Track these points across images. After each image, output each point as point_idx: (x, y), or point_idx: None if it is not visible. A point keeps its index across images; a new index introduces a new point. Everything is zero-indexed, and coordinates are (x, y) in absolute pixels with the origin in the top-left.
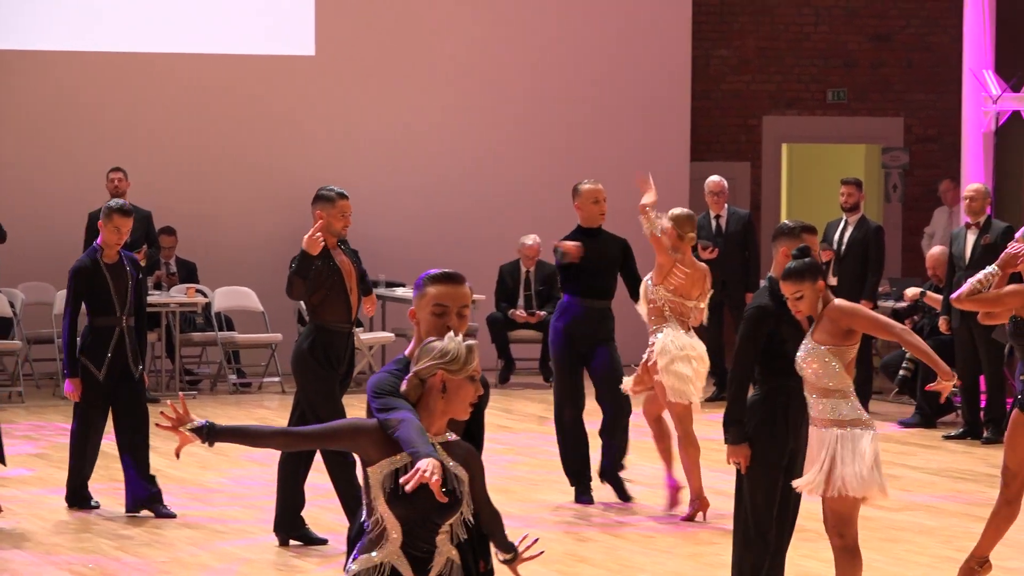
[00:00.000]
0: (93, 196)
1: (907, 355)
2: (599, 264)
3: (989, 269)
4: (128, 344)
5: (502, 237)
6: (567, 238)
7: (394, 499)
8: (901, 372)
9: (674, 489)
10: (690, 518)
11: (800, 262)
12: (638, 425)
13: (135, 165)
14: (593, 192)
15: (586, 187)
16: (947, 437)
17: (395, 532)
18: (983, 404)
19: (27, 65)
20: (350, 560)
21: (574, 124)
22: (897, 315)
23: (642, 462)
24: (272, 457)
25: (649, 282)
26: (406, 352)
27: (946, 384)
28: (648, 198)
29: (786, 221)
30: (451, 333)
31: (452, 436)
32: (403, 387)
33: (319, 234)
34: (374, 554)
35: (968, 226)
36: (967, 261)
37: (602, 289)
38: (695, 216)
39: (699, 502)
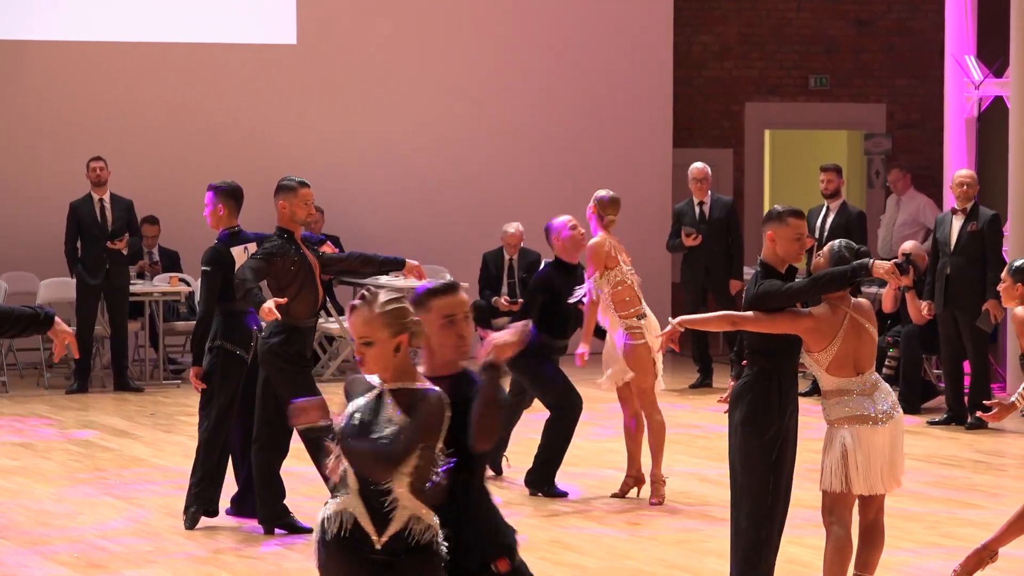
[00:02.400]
0: (74, 185)
1: (889, 351)
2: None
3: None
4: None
5: (485, 224)
6: (543, 274)
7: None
8: (884, 371)
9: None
10: (622, 494)
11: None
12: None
13: (116, 154)
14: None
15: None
16: (932, 423)
17: (351, 477)
18: (967, 390)
19: (6, 55)
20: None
21: (556, 112)
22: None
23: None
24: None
25: (591, 283)
26: (421, 369)
27: None
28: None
29: (776, 206)
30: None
31: (421, 384)
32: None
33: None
34: (338, 500)
35: (954, 212)
36: (952, 247)
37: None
38: (619, 200)
39: (640, 478)
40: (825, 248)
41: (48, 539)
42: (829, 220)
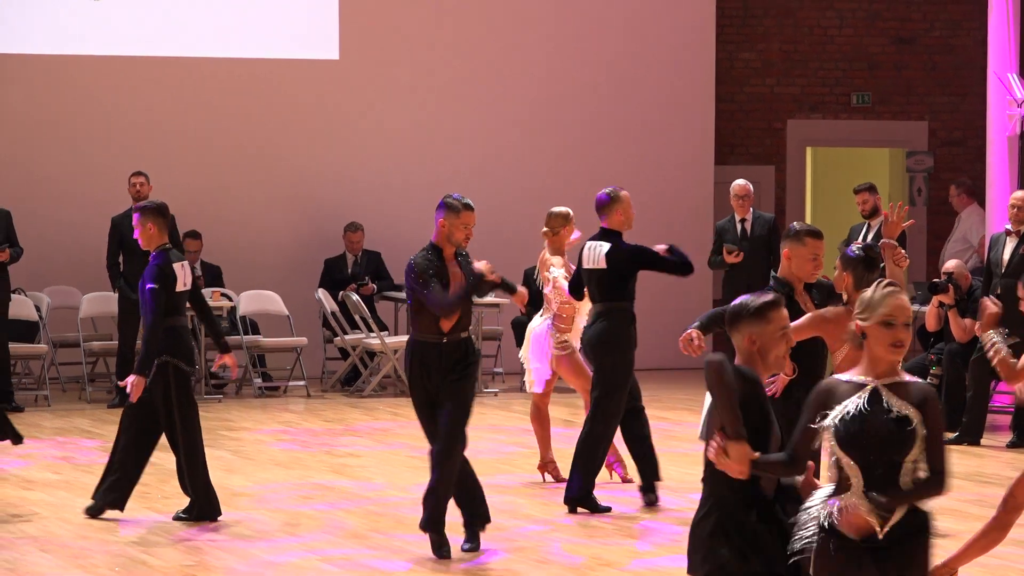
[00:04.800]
0: (116, 200)
1: (932, 368)
2: None
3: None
4: None
5: (528, 243)
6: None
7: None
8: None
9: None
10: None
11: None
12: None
13: (159, 169)
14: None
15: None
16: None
17: (855, 479)
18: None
19: (51, 70)
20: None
21: (599, 128)
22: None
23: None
24: (299, 462)
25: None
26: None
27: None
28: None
29: (794, 224)
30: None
31: (907, 377)
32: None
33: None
34: (839, 500)
35: (1008, 233)
36: (1004, 268)
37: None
38: (569, 215)
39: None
40: (839, 260)
41: (89, 553)
42: (870, 237)
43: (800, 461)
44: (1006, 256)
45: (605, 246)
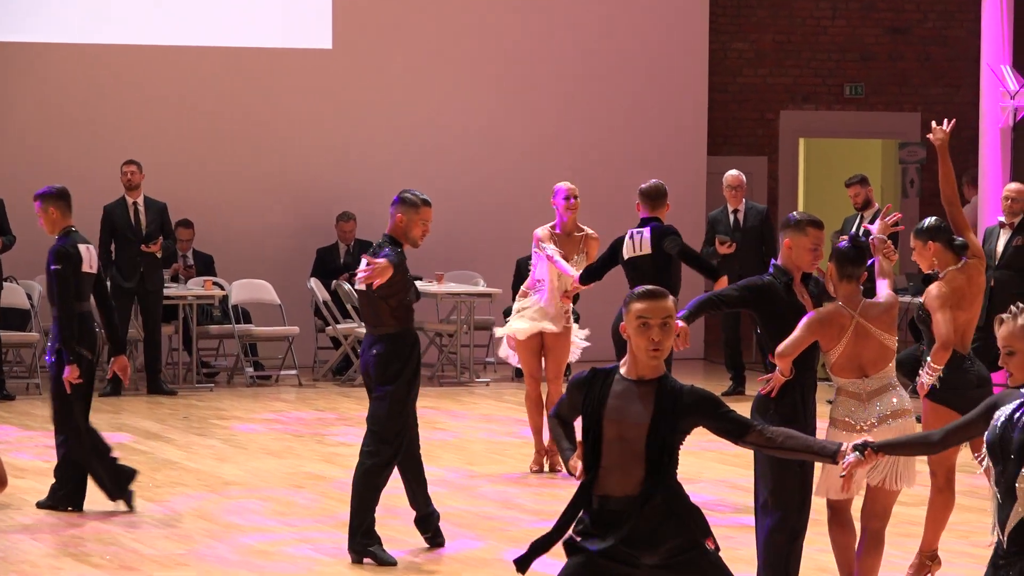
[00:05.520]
0: (109, 189)
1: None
2: None
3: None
4: None
5: (518, 230)
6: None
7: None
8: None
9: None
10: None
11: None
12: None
13: (151, 157)
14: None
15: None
16: None
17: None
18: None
19: (42, 58)
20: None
21: (591, 117)
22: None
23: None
24: (290, 451)
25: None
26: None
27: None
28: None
29: (794, 213)
30: None
31: None
32: None
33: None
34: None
35: (1002, 225)
36: (998, 260)
37: None
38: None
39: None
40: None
41: (80, 541)
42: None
43: (942, 444)
44: (1000, 248)
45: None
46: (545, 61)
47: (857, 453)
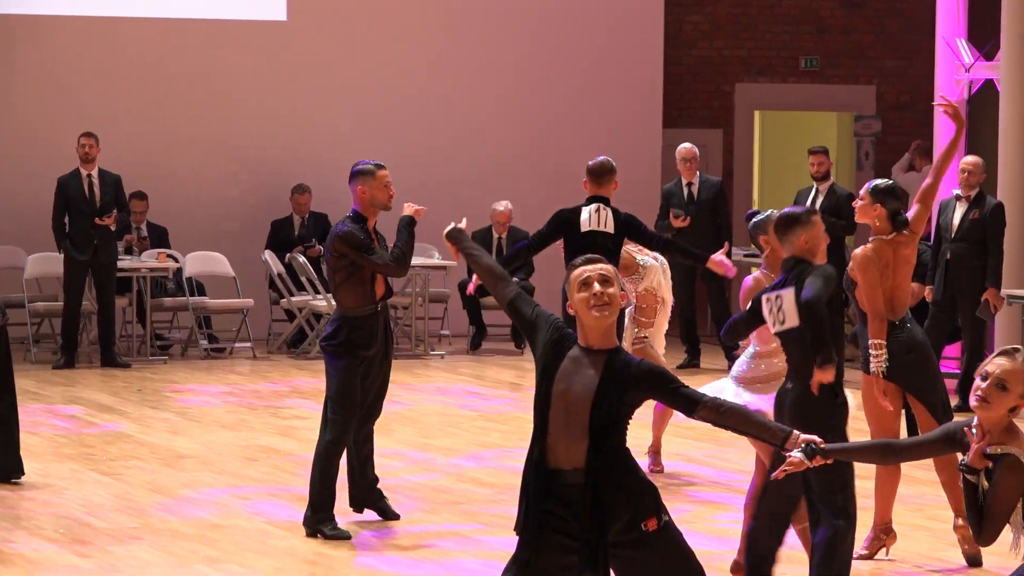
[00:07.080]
0: (63, 161)
1: None
2: None
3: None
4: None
5: (473, 203)
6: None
7: None
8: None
9: None
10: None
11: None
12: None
13: (105, 129)
14: None
15: None
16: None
17: None
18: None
19: None
20: None
21: (545, 90)
22: None
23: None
24: (245, 424)
25: None
26: None
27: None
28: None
29: (789, 210)
30: None
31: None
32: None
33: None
34: None
35: (958, 198)
36: (954, 233)
37: None
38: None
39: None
40: None
41: (33, 515)
42: (819, 202)
43: (895, 459)
44: (956, 220)
45: None
46: (499, 34)
47: (803, 456)
